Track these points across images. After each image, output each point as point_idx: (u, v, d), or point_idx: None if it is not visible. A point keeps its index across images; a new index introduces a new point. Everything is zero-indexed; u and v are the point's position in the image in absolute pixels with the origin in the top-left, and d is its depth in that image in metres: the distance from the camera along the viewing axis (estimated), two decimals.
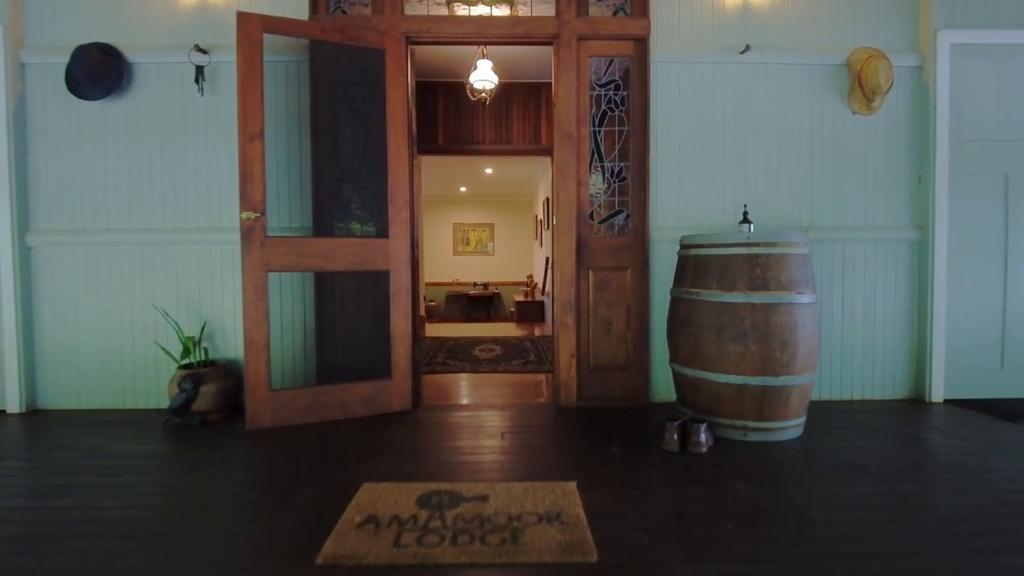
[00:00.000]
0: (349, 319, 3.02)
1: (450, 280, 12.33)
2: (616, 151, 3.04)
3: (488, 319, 11.93)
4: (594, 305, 3.01)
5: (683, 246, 2.69)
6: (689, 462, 2.19)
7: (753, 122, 3.10)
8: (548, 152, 6.21)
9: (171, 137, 3.01)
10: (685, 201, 3.10)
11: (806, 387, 2.47)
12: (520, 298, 9.15)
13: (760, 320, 2.37)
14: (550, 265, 8.03)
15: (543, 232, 9.05)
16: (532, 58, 5.11)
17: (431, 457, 2.27)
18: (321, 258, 2.74)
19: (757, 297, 2.38)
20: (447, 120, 5.86)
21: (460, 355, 4.72)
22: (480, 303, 12.05)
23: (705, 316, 2.47)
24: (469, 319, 11.83)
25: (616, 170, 3.03)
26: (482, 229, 12.50)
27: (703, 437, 2.30)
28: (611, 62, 3.01)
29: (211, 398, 2.77)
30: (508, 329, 7.16)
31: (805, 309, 2.42)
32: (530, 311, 8.50)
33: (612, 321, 3.02)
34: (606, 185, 3.04)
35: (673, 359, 2.69)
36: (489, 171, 9.22)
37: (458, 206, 12.41)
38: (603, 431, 2.59)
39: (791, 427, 2.46)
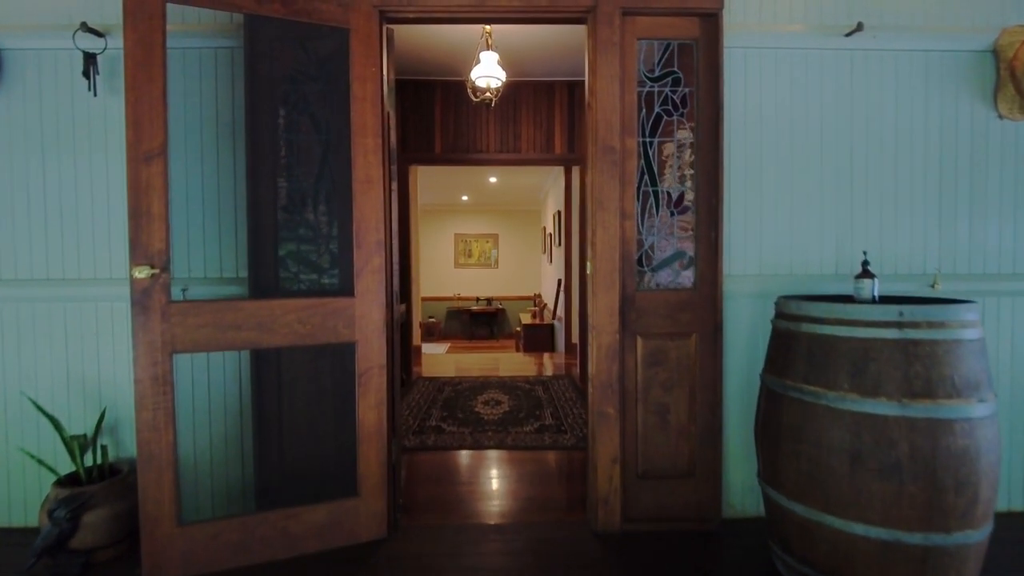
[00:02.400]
0: (300, 409, 2.17)
1: (451, 295, 11.51)
2: (675, 171, 2.18)
3: (492, 337, 11.11)
4: (644, 386, 2.16)
5: (785, 315, 1.83)
6: None
7: (861, 129, 2.24)
8: (563, 162, 5.36)
9: (56, 153, 2.17)
10: (770, 240, 2.24)
11: (985, 544, 1.61)
12: (528, 320, 8.29)
13: (924, 445, 1.51)
14: (562, 288, 7.19)
15: (552, 248, 8.20)
16: (548, 48, 4.26)
17: None
18: (254, 330, 1.89)
19: (918, 408, 1.52)
20: (445, 125, 5.02)
21: (459, 411, 3.87)
22: (483, 320, 11.23)
23: (830, 431, 1.61)
24: (471, 337, 11.02)
25: (674, 197, 2.18)
26: (485, 240, 11.66)
27: None
28: (667, 47, 2.16)
29: (102, 527, 1.93)
30: (515, 362, 6.31)
31: (987, 425, 1.55)
32: (539, 337, 7.65)
33: (670, 409, 2.16)
34: (661, 218, 2.18)
35: (769, 481, 1.83)
36: (493, 180, 8.38)
37: (459, 215, 11.57)
38: None
39: None
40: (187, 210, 2.17)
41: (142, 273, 1.74)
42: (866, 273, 1.91)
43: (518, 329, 8.81)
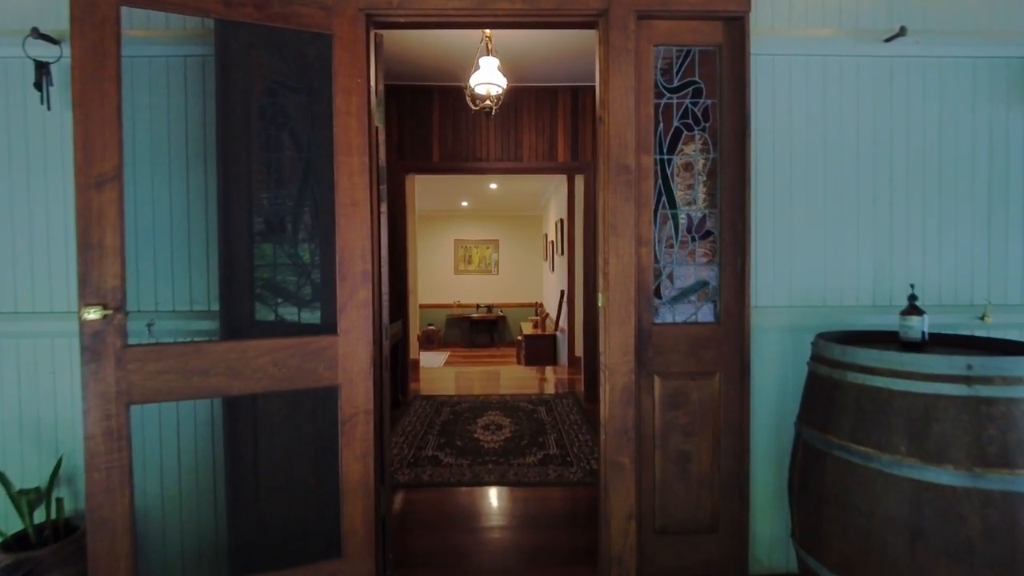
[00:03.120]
0: (278, 459, 1.95)
1: (451, 302, 11.29)
2: (696, 192, 1.96)
3: (492, 345, 10.89)
4: (663, 432, 1.93)
5: (826, 360, 1.61)
6: None
7: (901, 144, 2.02)
8: (566, 170, 5.15)
9: (8, 172, 1.95)
10: (801, 268, 2.02)
11: None
12: (529, 330, 8.07)
13: (1000, 523, 1.29)
14: (565, 299, 6.96)
15: (555, 256, 7.98)
16: (551, 53, 4.05)
17: None
18: (223, 375, 1.67)
19: (993, 480, 1.29)
20: (444, 132, 4.81)
21: (457, 437, 3.64)
22: (484, 327, 11.01)
23: (885, 500, 1.39)
24: (471, 345, 10.80)
25: (695, 220, 1.96)
26: (486, 246, 11.44)
27: None
28: (687, 54, 1.94)
29: None
30: (516, 377, 6.09)
31: None
32: (540, 348, 7.43)
33: (691, 456, 1.94)
34: (681, 244, 1.96)
35: (807, 547, 1.61)
36: (494, 186, 8.17)
37: (459, 221, 11.36)
38: None
39: None
40: (154, 236, 1.95)
41: (93, 314, 1.53)
42: (914, 309, 1.69)
43: (519, 338, 8.59)
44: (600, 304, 1.92)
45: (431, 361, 8.60)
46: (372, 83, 1.87)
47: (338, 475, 1.81)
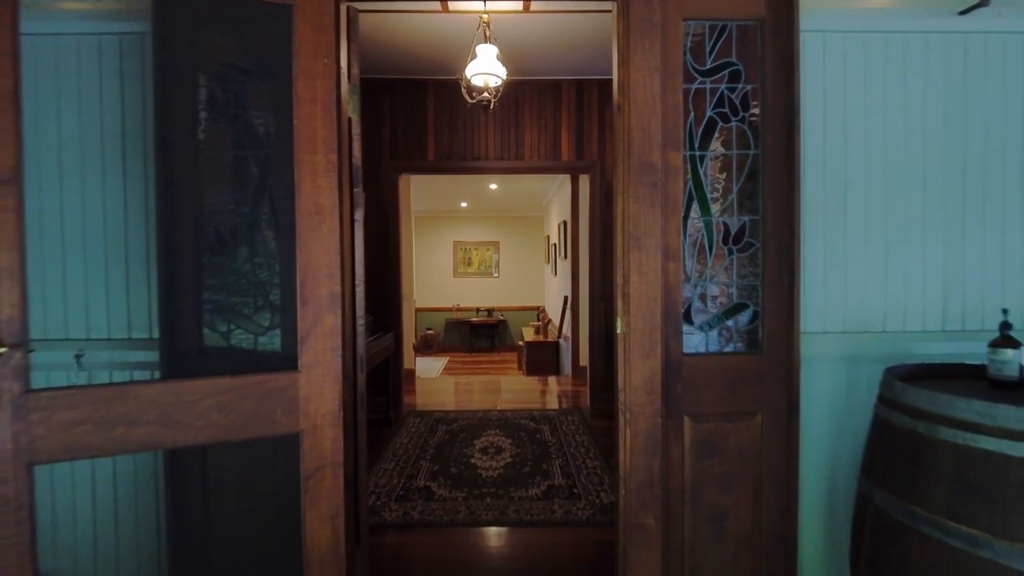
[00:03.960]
0: (233, 520, 1.63)
1: (450, 305, 10.97)
2: (733, 195, 1.63)
3: (492, 349, 10.58)
4: (694, 484, 1.61)
5: (904, 406, 1.28)
6: None
7: (978, 135, 1.69)
8: (571, 170, 4.83)
9: None
10: (857, 286, 1.70)
11: None
12: (531, 336, 7.74)
13: None
14: (568, 305, 6.62)
15: (558, 260, 7.66)
16: (553, 42, 3.73)
17: None
18: (156, 424, 1.35)
19: None
20: (440, 129, 4.49)
21: (452, 463, 3.32)
22: (484, 331, 10.69)
23: None
24: (471, 350, 10.49)
25: (733, 229, 1.63)
26: (486, 248, 11.12)
27: None
28: (723, 30, 1.62)
29: None
30: (517, 388, 5.77)
31: None
32: (543, 356, 7.10)
33: (727, 513, 1.61)
34: (715, 258, 1.63)
35: None
36: (494, 187, 7.85)
37: (458, 222, 11.04)
38: None
39: None
40: (84, 250, 1.63)
41: None
42: (1008, 340, 1.37)
43: (520, 344, 8.27)
44: (619, 331, 1.59)
45: (428, 368, 8.29)
46: (343, 65, 1.55)
47: (300, 540, 1.48)
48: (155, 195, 1.59)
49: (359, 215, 1.66)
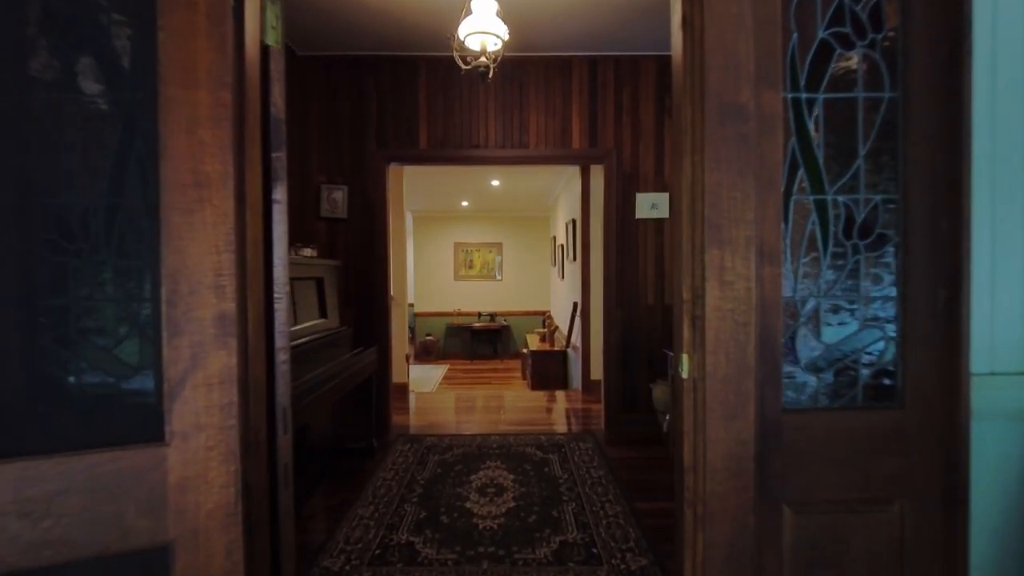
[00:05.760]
0: None
1: (451, 310, 10.42)
2: (859, 161, 1.06)
3: (495, 356, 10.01)
4: None
5: None
6: None
7: None
8: (583, 159, 4.25)
9: None
10: None
11: None
12: (536, 344, 7.17)
13: None
14: (578, 312, 6.02)
15: (565, 262, 7.09)
16: (564, 8, 3.17)
17: None
18: None
19: None
20: (433, 113, 3.93)
21: (443, 508, 2.75)
22: (486, 337, 10.13)
23: None
24: (473, 356, 9.92)
25: (859, 215, 1.06)
26: (488, 250, 10.57)
27: None
28: None
29: None
30: (522, 404, 5.19)
31: None
32: (549, 367, 6.52)
33: None
34: (832, 258, 1.06)
35: None
36: (495, 183, 7.29)
37: (459, 223, 10.50)
38: None
39: None
40: None
41: None
42: None
43: (524, 351, 7.70)
44: (684, 374, 1.02)
45: (426, 377, 7.73)
46: None
47: None
48: None
49: (280, 194, 1.10)
